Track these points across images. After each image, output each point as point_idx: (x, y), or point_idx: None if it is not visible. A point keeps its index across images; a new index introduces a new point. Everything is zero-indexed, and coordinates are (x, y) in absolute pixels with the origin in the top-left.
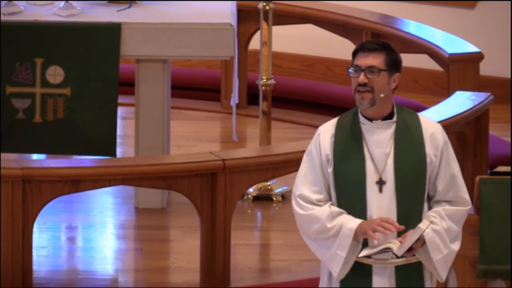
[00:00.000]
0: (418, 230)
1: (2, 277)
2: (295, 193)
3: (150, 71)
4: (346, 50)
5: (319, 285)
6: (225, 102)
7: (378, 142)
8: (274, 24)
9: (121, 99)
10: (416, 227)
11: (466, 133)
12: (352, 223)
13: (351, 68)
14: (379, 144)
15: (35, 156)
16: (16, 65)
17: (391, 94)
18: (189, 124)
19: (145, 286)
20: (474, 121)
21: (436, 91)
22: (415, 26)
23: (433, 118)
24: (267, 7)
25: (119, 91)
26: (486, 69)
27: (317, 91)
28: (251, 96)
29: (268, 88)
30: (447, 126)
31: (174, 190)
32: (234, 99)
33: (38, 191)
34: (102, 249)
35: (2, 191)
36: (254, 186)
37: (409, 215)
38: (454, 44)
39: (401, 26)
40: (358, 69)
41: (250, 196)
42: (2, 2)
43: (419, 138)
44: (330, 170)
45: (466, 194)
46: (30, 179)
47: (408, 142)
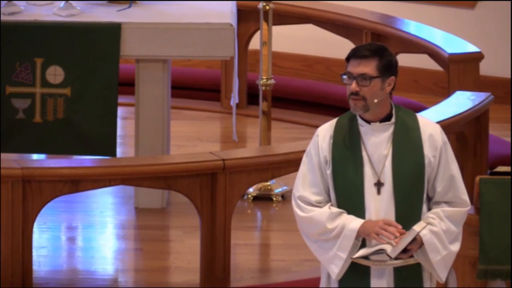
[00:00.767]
0: (412, 232)
1: (2, 277)
2: (295, 194)
3: (150, 71)
4: (346, 50)
5: (320, 285)
6: (225, 102)
7: (376, 144)
8: (274, 24)
9: (121, 99)
10: (410, 229)
11: (466, 133)
12: (353, 224)
13: (345, 74)
14: (377, 146)
15: (35, 156)
16: (16, 65)
17: (388, 97)
18: (189, 124)
19: (145, 286)
20: (474, 121)
21: (436, 91)
22: (415, 26)
23: (433, 118)
24: (267, 7)
25: (119, 91)
26: (486, 69)
27: (317, 91)
28: (251, 96)
29: (268, 88)
30: (447, 126)
31: (174, 190)
32: (234, 99)
33: (38, 191)
34: (102, 249)
35: (2, 191)
36: (254, 186)
37: (407, 217)
38: (454, 44)
39: (401, 26)
40: (351, 76)
41: (250, 196)
42: (2, 2)
43: (418, 140)
44: (328, 172)
45: (465, 195)
46: (30, 179)
47: (406, 144)
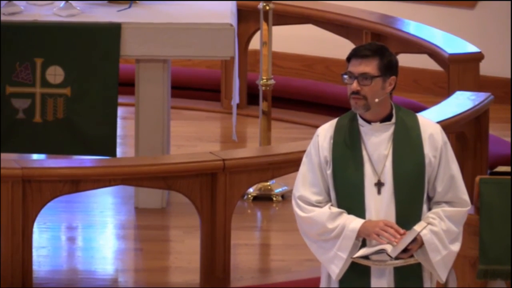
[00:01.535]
0: (413, 232)
1: (2, 277)
2: (295, 194)
3: (150, 71)
4: (346, 50)
5: (320, 285)
6: (225, 102)
7: (377, 144)
8: (274, 24)
9: (121, 99)
10: (411, 229)
11: (466, 133)
12: (354, 224)
13: (345, 74)
14: (378, 146)
15: (35, 156)
16: (16, 65)
17: (388, 97)
18: (189, 124)
19: (145, 286)
20: (474, 121)
21: (436, 91)
22: (415, 26)
23: (433, 118)
24: (267, 7)
25: (119, 91)
26: (486, 69)
27: (317, 91)
28: (251, 96)
29: (268, 88)
30: (447, 126)
31: (174, 190)
32: (234, 99)
33: (38, 191)
34: (102, 249)
35: (2, 191)
36: (254, 186)
37: (408, 217)
38: (454, 44)
39: (401, 26)
40: (352, 75)
41: (250, 196)
42: (2, 2)
43: (418, 140)
44: (329, 172)
45: (465, 195)
46: (30, 179)
47: (406, 144)
